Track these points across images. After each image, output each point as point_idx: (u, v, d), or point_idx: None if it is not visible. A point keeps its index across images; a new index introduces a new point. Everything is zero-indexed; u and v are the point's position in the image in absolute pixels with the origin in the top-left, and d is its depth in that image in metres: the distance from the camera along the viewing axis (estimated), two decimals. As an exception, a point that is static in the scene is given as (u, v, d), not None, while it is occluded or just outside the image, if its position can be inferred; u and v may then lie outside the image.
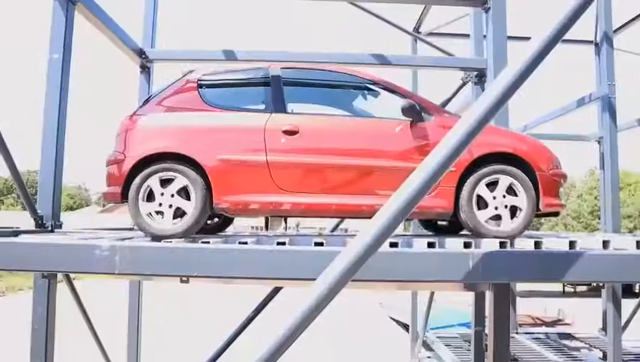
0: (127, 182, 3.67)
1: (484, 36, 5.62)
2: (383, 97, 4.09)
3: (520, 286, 14.98)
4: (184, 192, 3.64)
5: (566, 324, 13.65)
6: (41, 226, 4.15)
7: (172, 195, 3.62)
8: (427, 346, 8.97)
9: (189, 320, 16.20)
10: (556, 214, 4.11)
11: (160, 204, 3.61)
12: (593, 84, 8.27)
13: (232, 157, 3.70)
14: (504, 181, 3.68)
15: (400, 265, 2.42)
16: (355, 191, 3.76)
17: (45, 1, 4.31)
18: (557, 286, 24.45)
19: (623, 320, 6.89)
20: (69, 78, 4.36)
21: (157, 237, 3.49)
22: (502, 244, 3.41)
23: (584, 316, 12.81)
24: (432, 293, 8.49)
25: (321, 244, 3.28)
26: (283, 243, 3.30)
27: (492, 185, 3.70)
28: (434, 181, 2.09)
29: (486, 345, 4.31)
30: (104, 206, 59.61)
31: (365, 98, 4.26)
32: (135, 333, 6.32)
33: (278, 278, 2.53)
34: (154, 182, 3.63)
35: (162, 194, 3.62)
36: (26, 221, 4.23)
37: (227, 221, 4.74)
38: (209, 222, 4.62)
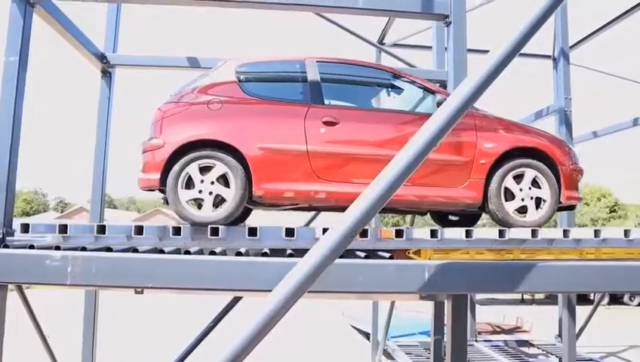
0: (165, 169, 3.69)
1: (446, 48, 5.71)
2: (415, 93, 4.25)
3: (479, 294, 15.21)
4: (222, 179, 3.69)
5: (524, 331, 13.91)
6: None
7: (212, 182, 3.67)
8: (388, 354, 9.02)
9: (144, 328, 15.87)
10: (573, 207, 4.37)
11: (200, 191, 3.66)
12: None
13: (273, 145, 3.77)
14: (529, 174, 3.91)
15: (357, 276, 2.41)
16: None
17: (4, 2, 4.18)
18: (516, 294, 24.93)
19: (578, 327, 7.07)
20: (25, 82, 4.22)
21: (198, 224, 3.52)
22: (534, 233, 3.56)
23: (542, 323, 13.08)
24: (393, 302, 8.55)
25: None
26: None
27: (517, 178, 3.91)
28: (378, 207, 2.07)
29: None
30: (62, 211, 58.07)
31: (399, 93, 4.34)
32: (90, 345, 6.15)
33: (233, 289, 2.49)
34: (193, 170, 3.67)
35: (202, 181, 3.66)
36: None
37: (244, 214, 4.69)
38: None
